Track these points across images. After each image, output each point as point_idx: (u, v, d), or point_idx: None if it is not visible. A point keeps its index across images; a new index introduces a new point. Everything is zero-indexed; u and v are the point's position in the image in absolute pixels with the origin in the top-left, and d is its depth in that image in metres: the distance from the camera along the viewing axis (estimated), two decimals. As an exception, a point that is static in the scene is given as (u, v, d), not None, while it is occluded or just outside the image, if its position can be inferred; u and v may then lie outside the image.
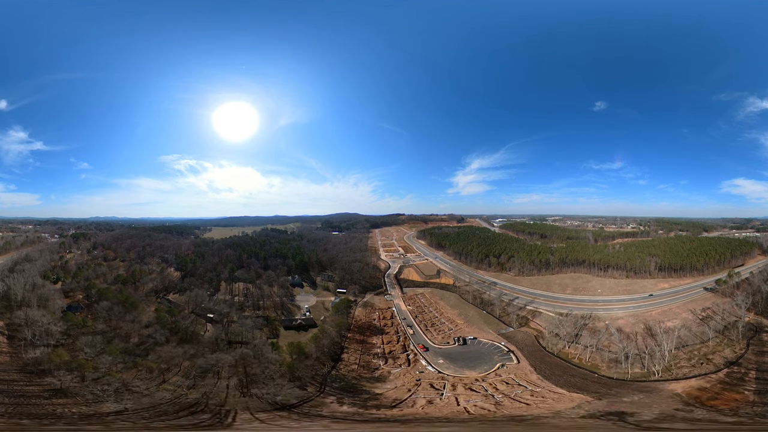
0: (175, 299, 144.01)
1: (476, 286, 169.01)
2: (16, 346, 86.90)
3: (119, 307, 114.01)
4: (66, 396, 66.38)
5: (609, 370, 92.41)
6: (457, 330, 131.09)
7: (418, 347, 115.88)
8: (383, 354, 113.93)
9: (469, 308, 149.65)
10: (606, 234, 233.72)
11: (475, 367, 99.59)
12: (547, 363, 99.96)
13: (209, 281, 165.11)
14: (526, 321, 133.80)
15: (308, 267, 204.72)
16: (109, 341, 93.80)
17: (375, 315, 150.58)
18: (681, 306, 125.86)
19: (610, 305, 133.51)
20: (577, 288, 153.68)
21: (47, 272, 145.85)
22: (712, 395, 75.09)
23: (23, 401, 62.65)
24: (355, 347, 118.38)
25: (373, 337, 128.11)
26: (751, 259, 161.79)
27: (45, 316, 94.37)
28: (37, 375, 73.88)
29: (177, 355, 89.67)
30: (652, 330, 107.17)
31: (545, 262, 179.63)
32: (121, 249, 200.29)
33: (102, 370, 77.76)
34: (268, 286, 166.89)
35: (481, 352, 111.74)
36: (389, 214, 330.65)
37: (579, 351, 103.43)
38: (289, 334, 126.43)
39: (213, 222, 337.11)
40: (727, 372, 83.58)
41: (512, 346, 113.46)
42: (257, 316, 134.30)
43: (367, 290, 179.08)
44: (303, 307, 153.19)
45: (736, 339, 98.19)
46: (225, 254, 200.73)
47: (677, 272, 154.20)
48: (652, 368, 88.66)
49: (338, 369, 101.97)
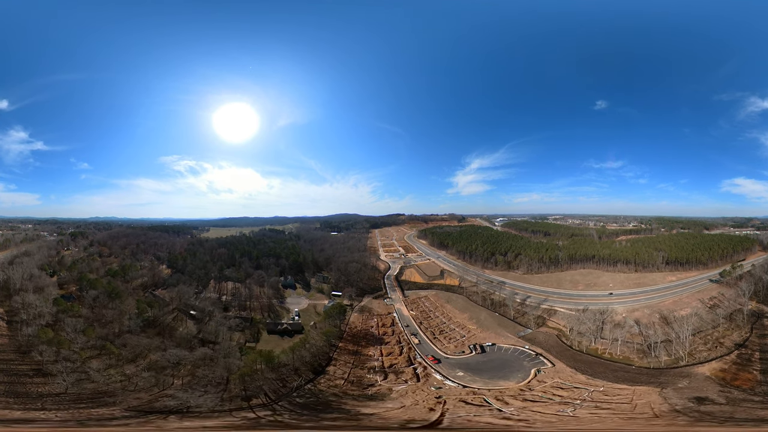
0: (161, 294, 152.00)
1: (484, 286, 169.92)
2: (13, 330, 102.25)
3: (105, 297, 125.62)
4: (44, 375, 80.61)
5: (641, 360, 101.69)
6: (471, 336, 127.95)
7: (427, 359, 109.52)
8: (382, 368, 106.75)
9: (480, 311, 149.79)
10: (609, 232, 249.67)
11: (506, 376, 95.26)
12: (583, 361, 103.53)
13: (198, 279, 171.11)
14: (543, 321, 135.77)
15: (303, 267, 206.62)
16: (90, 325, 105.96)
17: (373, 322, 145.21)
18: (690, 296, 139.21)
19: (623, 298, 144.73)
20: (589, 284, 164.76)
21: (44, 266, 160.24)
22: (733, 376, 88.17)
23: (15, 379, 78.63)
24: (345, 359, 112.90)
25: (369, 348, 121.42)
26: (752, 254, 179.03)
27: (39, 300, 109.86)
28: (28, 355, 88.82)
29: (143, 345, 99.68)
30: (667, 319, 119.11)
31: (554, 259, 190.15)
32: (116, 246, 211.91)
33: (74, 349, 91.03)
34: (258, 287, 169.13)
35: (505, 359, 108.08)
36: (389, 215, 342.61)
37: (606, 346, 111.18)
38: (272, 339, 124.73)
39: (212, 223, 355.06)
40: (737, 354, 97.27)
41: (537, 348, 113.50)
42: (240, 317, 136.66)
43: (365, 293, 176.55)
44: (292, 310, 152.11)
45: (742, 324, 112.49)
46: (217, 253, 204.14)
47: (683, 266, 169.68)
48: (679, 354, 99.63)
49: (316, 383, 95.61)
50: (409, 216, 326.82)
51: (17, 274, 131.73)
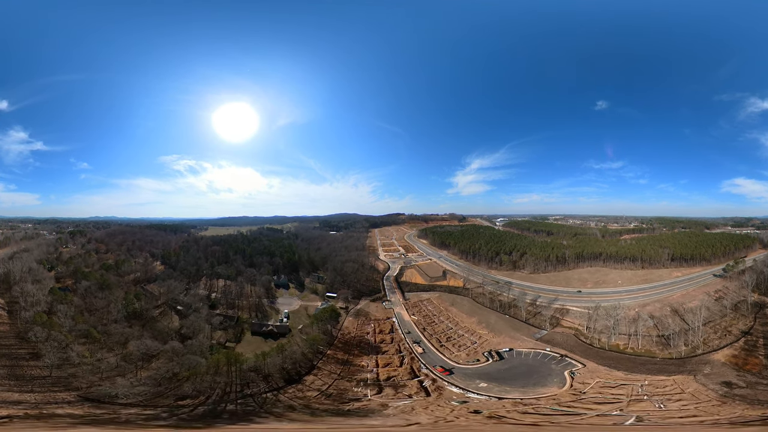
0: (152, 289, 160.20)
1: (490, 287, 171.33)
2: (13, 318, 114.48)
3: (96, 288, 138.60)
4: (37, 358, 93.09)
5: (662, 352, 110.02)
6: (483, 342, 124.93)
7: (436, 370, 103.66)
8: (376, 381, 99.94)
9: (489, 314, 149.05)
10: (612, 231, 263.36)
11: (541, 382, 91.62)
12: (610, 358, 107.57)
13: (189, 275, 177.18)
14: (557, 320, 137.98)
15: (298, 267, 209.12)
16: (80, 312, 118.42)
17: (369, 327, 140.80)
18: (697, 290, 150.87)
19: (633, 294, 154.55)
20: (598, 281, 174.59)
21: (43, 261, 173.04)
22: (743, 361, 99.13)
23: (15, 363, 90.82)
24: (332, 368, 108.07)
25: (362, 358, 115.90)
26: (753, 252, 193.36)
27: (36, 289, 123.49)
28: (26, 340, 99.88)
29: (125, 334, 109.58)
30: (678, 311, 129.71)
31: (561, 257, 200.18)
32: (113, 243, 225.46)
33: (63, 332, 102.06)
34: (250, 285, 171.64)
35: (530, 364, 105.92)
36: (389, 214, 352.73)
37: (625, 341, 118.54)
38: (254, 341, 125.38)
39: (211, 222, 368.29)
40: (744, 340, 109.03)
41: (560, 349, 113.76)
42: (225, 316, 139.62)
43: (362, 295, 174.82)
44: (282, 311, 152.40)
45: (746, 313, 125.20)
46: (211, 250, 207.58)
47: (688, 262, 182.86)
48: (695, 343, 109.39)
49: (284, 392, 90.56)
50: (409, 216, 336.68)
51: (17, 268, 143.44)
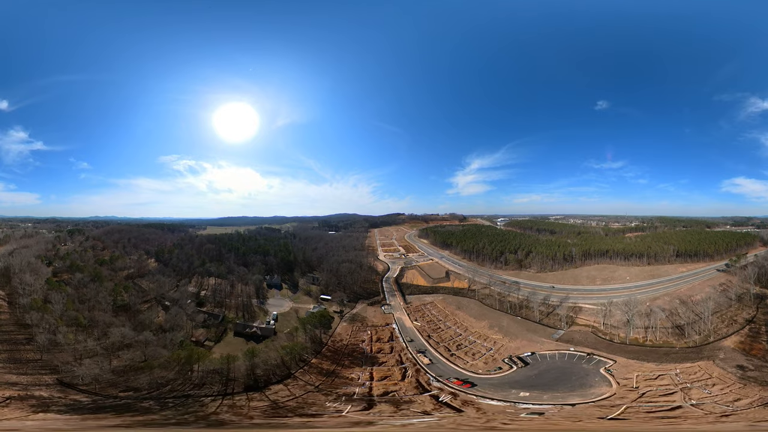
0: (142, 284, 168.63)
1: (497, 288, 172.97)
2: (13, 308, 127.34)
3: (89, 279, 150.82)
4: (32, 343, 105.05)
5: (679, 341, 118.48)
6: (500, 348, 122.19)
7: (451, 383, 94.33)
8: (367, 396, 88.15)
9: (501, 316, 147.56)
10: (614, 230, 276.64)
11: (582, 384, 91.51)
12: (634, 351, 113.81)
13: (181, 272, 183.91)
14: (572, 319, 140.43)
15: (293, 267, 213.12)
16: (71, 300, 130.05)
17: (365, 335, 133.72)
18: (702, 283, 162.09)
19: (642, 289, 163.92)
20: (606, 278, 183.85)
21: (41, 257, 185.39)
22: (749, 346, 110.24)
23: (14, 347, 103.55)
24: (311, 379, 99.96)
25: (353, 369, 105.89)
26: (753, 249, 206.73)
27: (34, 279, 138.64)
28: (23, 326, 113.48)
29: (108, 323, 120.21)
30: (687, 303, 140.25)
31: (568, 255, 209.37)
32: (110, 241, 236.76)
33: (54, 316, 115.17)
34: (242, 284, 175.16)
35: (560, 366, 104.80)
36: (389, 214, 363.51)
37: (641, 334, 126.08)
38: (236, 342, 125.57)
39: (211, 222, 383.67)
40: (749, 328, 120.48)
41: (583, 348, 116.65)
42: (209, 314, 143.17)
43: (359, 298, 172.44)
44: (270, 312, 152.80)
45: (750, 304, 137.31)
46: (204, 248, 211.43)
47: (692, 258, 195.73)
48: (706, 332, 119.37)
49: (231, 398, 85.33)
50: (409, 216, 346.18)
51: (16, 262, 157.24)
